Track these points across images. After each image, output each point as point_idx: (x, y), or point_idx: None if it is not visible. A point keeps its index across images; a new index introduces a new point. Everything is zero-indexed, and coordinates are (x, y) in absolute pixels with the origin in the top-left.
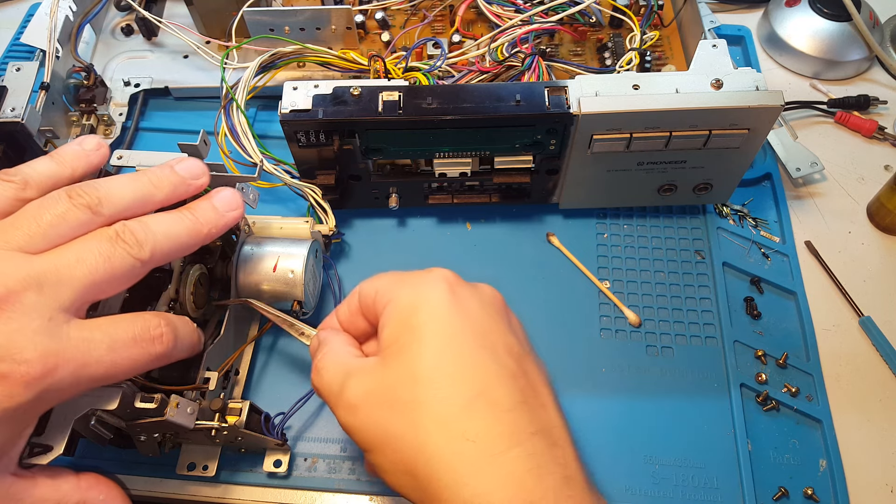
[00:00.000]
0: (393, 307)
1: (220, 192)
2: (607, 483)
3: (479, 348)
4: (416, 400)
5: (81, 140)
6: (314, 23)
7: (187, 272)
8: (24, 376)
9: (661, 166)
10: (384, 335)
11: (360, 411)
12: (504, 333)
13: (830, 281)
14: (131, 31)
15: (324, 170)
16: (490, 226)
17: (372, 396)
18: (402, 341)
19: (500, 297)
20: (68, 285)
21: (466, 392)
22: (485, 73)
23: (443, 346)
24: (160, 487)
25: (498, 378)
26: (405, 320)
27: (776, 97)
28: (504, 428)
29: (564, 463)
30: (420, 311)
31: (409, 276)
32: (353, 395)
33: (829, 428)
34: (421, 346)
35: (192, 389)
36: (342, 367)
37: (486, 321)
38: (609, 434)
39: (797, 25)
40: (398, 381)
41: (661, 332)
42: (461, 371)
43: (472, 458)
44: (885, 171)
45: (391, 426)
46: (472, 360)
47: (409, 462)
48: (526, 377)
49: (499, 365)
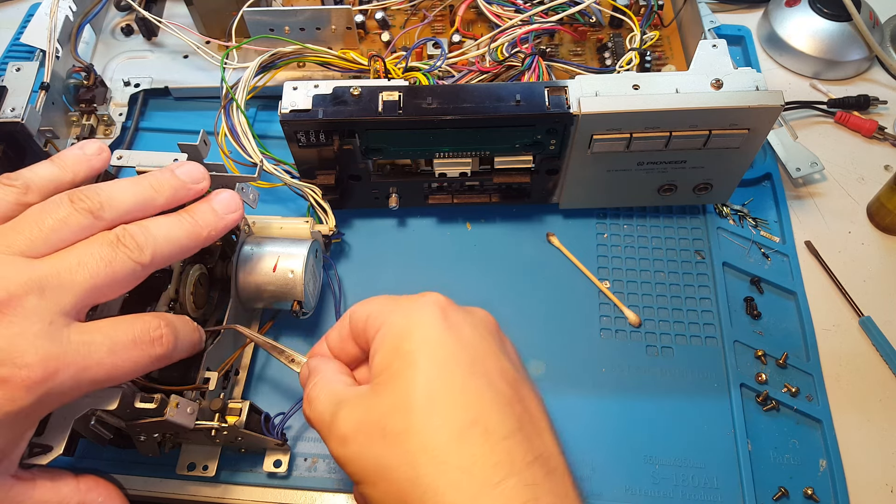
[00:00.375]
0: (384, 333)
1: (219, 194)
2: (607, 483)
3: (472, 374)
4: (408, 430)
5: (83, 144)
6: (314, 23)
7: (187, 272)
8: (26, 380)
9: (661, 166)
10: (375, 362)
11: (352, 442)
12: (498, 358)
13: (830, 281)
14: (131, 31)
15: (324, 170)
16: (490, 226)
17: (364, 427)
18: (393, 368)
19: (493, 320)
20: (69, 289)
21: (460, 420)
22: (485, 73)
23: (435, 373)
24: (160, 487)
25: (492, 405)
26: (396, 346)
27: (776, 97)
28: (499, 457)
29: (564, 493)
30: (411, 336)
31: (401, 300)
32: (345, 426)
33: (829, 428)
34: (413, 374)
35: (192, 389)
36: (333, 396)
37: (480, 345)
38: (609, 434)
39: (797, 25)
40: (390, 411)
41: (661, 332)
42: (454, 398)
43: (467, 490)
44: (885, 171)
45: (384, 458)
46: (465, 387)
47: (402, 495)
48: (521, 403)
49: (493, 391)
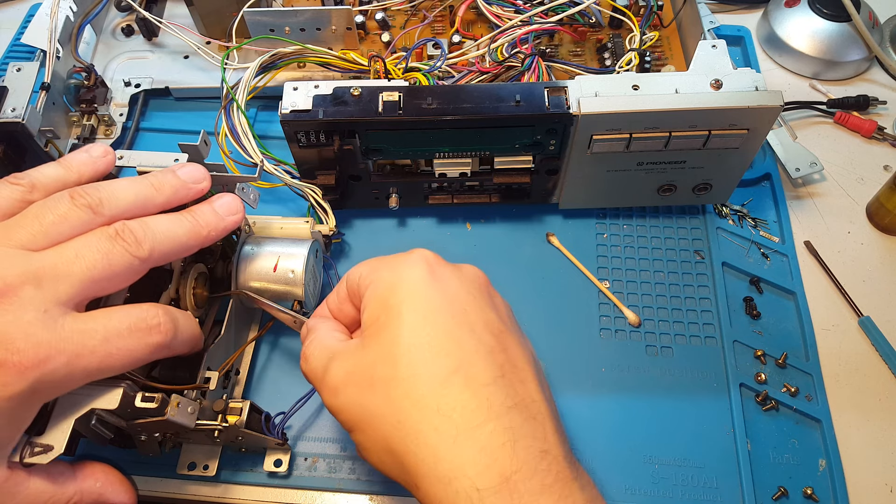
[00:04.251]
0: (373, 289)
1: (221, 197)
2: (607, 483)
3: (456, 325)
4: (393, 377)
5: (89, 147)
6: (314, 23)
7: (188, 272)
8: (17, 365)
9: (661, 166)
10: (365, 317)
11: (342, 392)
12: (483, 310)
13: (830, 281)
14: (132, 31)
15: (324, 170)
16: (490, 226)
17: (352, 377)
18: (380, 321)
19: (482, 276)
20: (66, 280)
21: (443, 368)
22: (485, 73)
23: (419, 324)
24: (160, 487)
25: (475, 353)
26: (384, 300)
27: (775, 97)
28: (480, 402)
29: (542, 437)
30: (398, 290)
31: (391, 258)
32: (335, 377)
33: (828, 428)
34: (398, 325)
35: (193, 389)
36: (327, 350)
37: (465, 298)
38: (609, 434)
39: (797, 26)
40: (377, 360)
41: (661, 332)
42: (437, 347)
43: (447, 433)
44: (884, 171)
45: (370, 404)
46: (448, 337)
47: (387, 439)
48: (505, 353)
49: (476, 340)
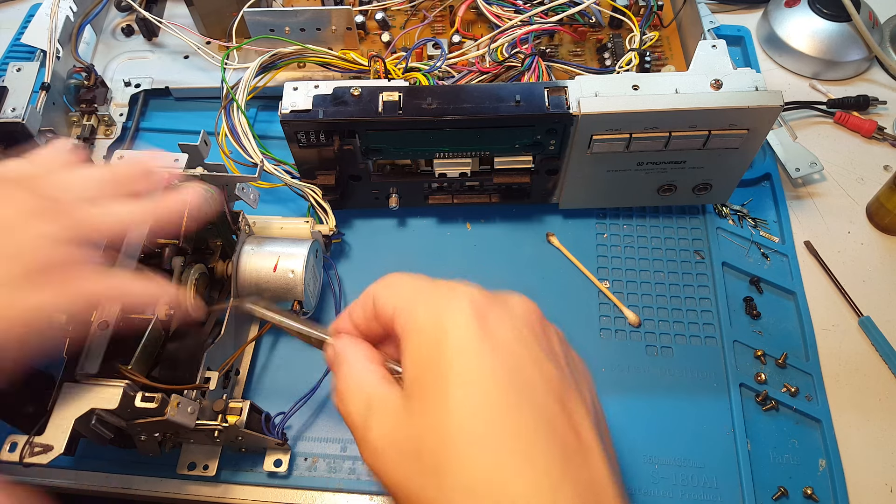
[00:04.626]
0: (413, 337)
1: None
2: None
3: (514, 392)
4: (444, 462)
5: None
6: (314, 23)
7: (187, 272)
8: None
9: (661, 166)
10: (406, 367)
11: (384, 455)
12: (540, 364)
13: (830, 281)
14: (132, 31)
15: (324, 170)
16: (490, 226)
17: (397, 444)
18: (425, 381)
19: (533, 309)
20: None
21: (498, 452)
22: (485, 73)
23: (471, 395)
24: (160, 487)
25: (535, 432)
26: (427, 359)
27: (775, 97)
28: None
29: None
30: (443, 347)
31: (429, 287)
32: (377, 438)
33: (828, 428)
34: (447, 396)
35: (193, 389)
36: (364, 395)
37: (520, 352)
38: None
39: (797, 26)
40: (424, 432)
41: (661, 332)
42: (492, 427)
43: None
44: (884, 171)
45: (418, 486)
46: (504, 413)
47: None
48: (569, 421)
49: (536, 411)
